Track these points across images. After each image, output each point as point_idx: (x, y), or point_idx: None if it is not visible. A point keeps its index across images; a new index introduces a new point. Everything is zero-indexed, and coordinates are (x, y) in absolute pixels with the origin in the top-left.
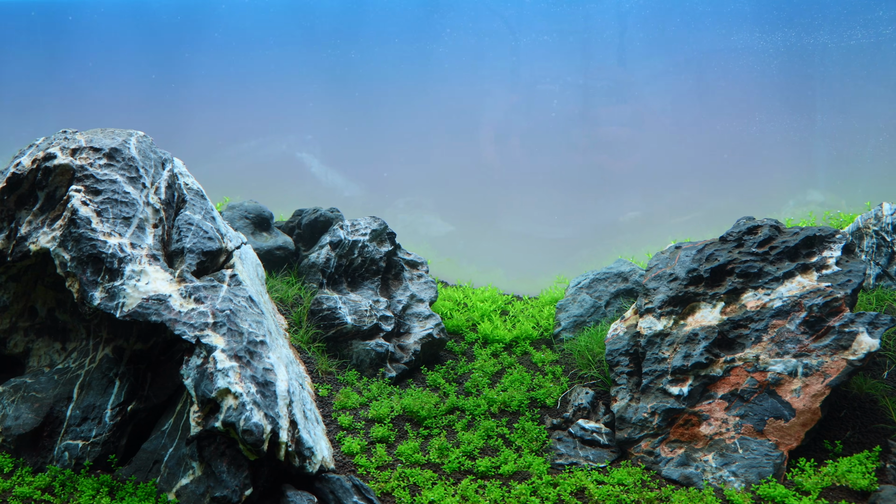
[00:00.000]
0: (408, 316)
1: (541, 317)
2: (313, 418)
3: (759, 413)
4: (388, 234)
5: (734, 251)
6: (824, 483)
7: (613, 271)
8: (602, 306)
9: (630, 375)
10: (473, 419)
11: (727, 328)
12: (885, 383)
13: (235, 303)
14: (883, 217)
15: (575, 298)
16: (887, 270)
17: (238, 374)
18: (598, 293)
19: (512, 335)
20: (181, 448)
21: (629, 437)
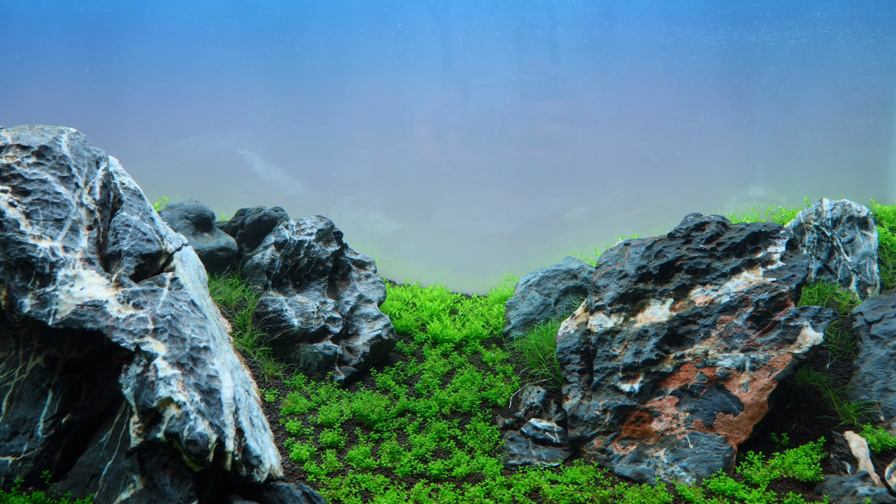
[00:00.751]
0: (356, 317)
1: (490, 315)
2: (260, 425)
3: (708, 408)
4: (335, 234)
5: (682, 247)
6: (773, 475)
7: (562, 268)
8: (552, 304)
9: (581, 373)
10: (425, 421)
11: (677, 324)
12: (827, 375)
13: (177, 307)
14: (823, 213)
15: (524, 296)
16: (828, 265)
17: (181, 382)
18: (547, 291)
19: (462, 335)
20: (121, 461)
21: (582, 435)
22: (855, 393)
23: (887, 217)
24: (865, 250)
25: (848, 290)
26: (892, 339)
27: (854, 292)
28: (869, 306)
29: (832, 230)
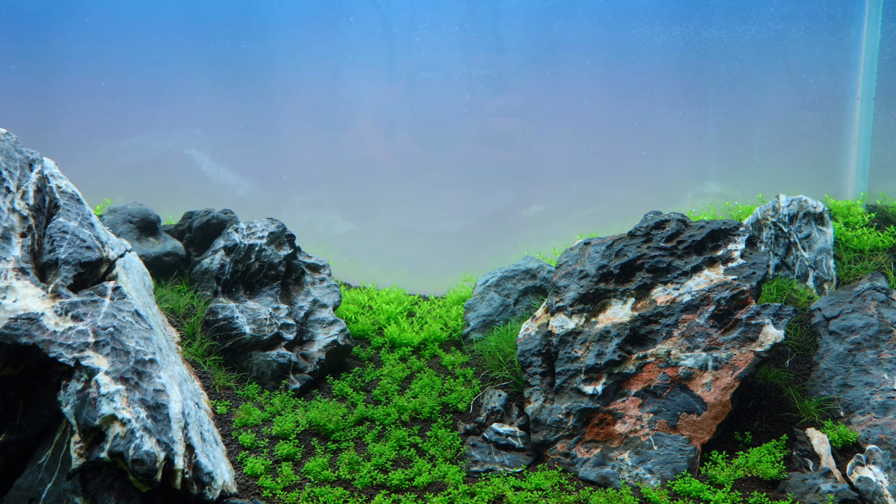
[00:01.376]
0: (311, 323)
1: (449, 317)
2: (212, 440)
3: (672, 408)
4: (287, 237)
5: (643, 246)
6: (737, 475)
7: (521, 268)
8: (511, 304)
9: (543, 376)
10: (384, 429)
11: (638, 324)
12: (787, 372)
13: (120, 318)
14: (780, 208)
15: (483, 297)
16: (785, 260)
17: (125, 399)
18: (506, 291)
19: (420, 338)
20: (62, 483)
21: (545, 439)
22: (815, 389)
23: (841, 212)
24: (822, 246)
25: (805, 285)
26: (850, 334)
27: (811, 288)
28: (827, 302)
29: (789, 226)
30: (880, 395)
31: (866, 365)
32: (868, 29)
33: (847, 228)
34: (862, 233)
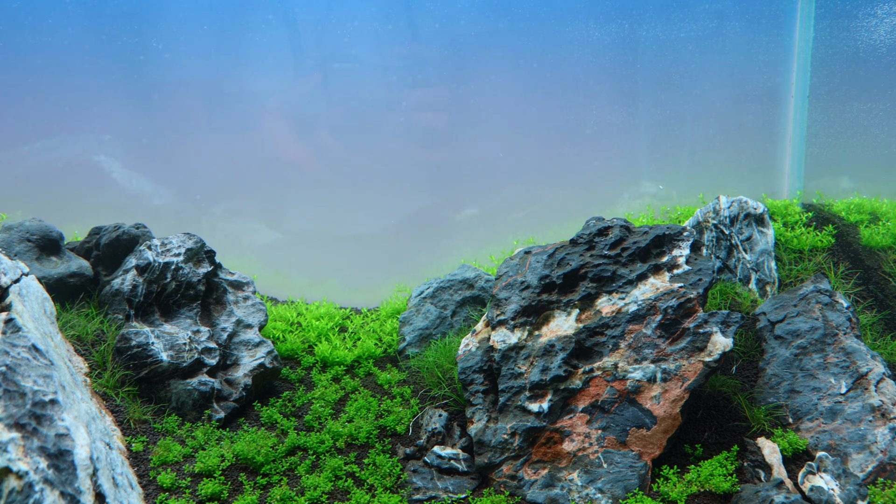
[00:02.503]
0: (235, 345)
1: (383, 332)
2: (126, 483)
3: (621, 424)
4: (207, 253)
5: (586, 254)
6: (689, 490)
7: (458, 278)
8: (448, 316)
9: (486, 394)
10: (318, 458)
11: (584, 336)
12: (735, 379)
13: (14, 356)
14: (721, 210)
15: (419, 310)
16: (727, 263)
17: (21, 448)
18: (443, 303)
19: (353, 355)
20: None
21: (490, 461)
22: (763, 396)
23: (779, 212)
24: (763, 247)
25: (748, 288)
26: (796, 338)
27: (754, 291)
28: (771, 306)
29: (730, 228)
30: (828, 399)
31: (813, 369)
32: (801, 26)
33: (786, 229)
34: (801, 233)
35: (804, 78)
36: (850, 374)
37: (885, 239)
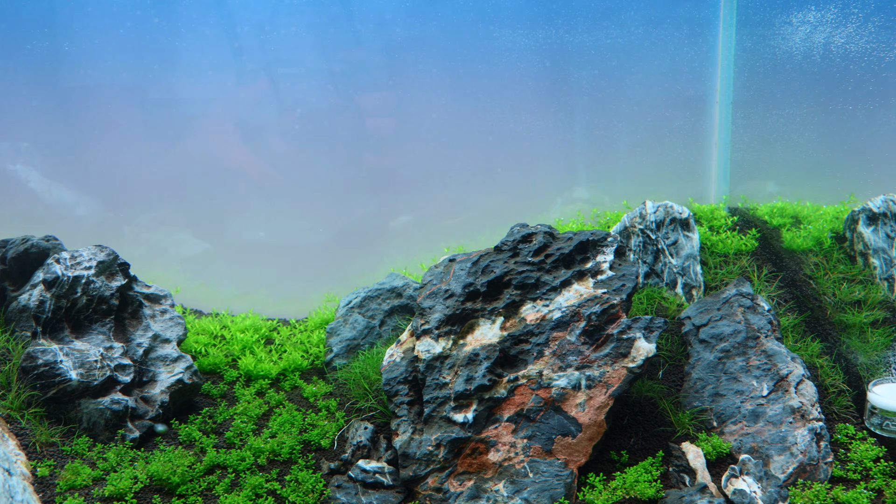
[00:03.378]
0: (152, 361)
1: (310, 343)
2: None
3: (546, 432)
4: (120, 266)
5: (510, 261)
6: (615, 497)
7: (386, 287)
8: (377, 326)
9: (411, 405)
10: (238, 476)
11: (508, 345)
12: (661, 384)
13: None
14: (647, 215)
15: (346, 320)
16: (654, 268)
17: None
18: (371, 312)
19: (279, 368)
20: None
21: (415, 474)
22: (688, 400)
23: (705, 216)
24: (689, 252)
25: (675, 292)
26: (720, 342)
27: (680, 295)
28: (696, 310)
29: (656, 233)
30: (750, 402)
31: (736, 373)
32: (724, 35)
33: (712, 233)
34: (726, 236)
35: (727, 85)
36: (772, 376)
37: (807, 242)
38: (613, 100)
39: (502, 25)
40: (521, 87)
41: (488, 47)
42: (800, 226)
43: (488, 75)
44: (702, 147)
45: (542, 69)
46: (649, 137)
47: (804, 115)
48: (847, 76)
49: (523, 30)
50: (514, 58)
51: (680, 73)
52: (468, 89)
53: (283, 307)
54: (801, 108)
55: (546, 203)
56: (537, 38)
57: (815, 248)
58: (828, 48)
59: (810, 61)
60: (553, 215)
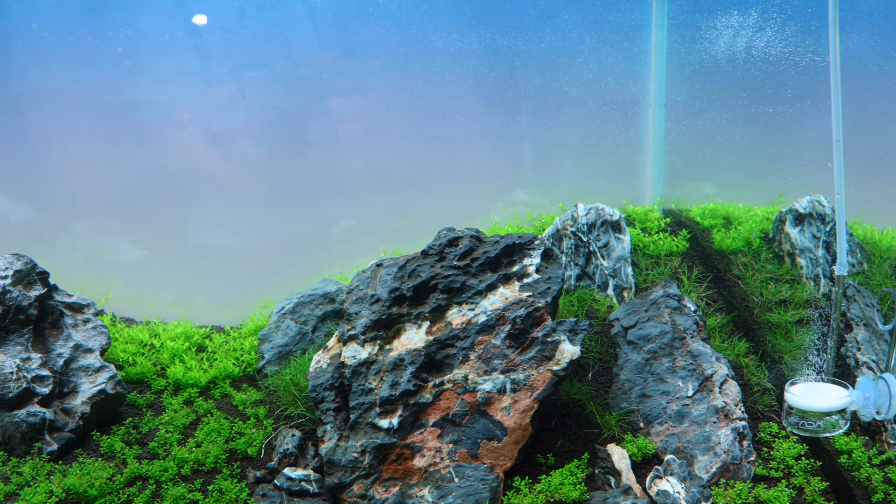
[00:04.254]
0: (73, 371)
1: (243, 350)
2: None
3: (472, 436)
4: (39, 275)
5: (437, 265)
6: (539, 501)
7: (319, 292)
8: (309, 332)
9: (338, 412)
10: (159, 487)
11: (434, 349)
12: (590, 386)
13: None
14: (579, 218)
15: (279, 326)
16: (586, 270)
17: None
18: (303, 318)
19: (208, 376)
20: None
21: (340, 481)
22: (616, 401)
23: (639, 218)
24: (620, 254)
25: (606, 294)
26: (647, 343)
27: (612, 296)
28: (624, 311)
29: (588, 235)
30: (676, 403)
31: (663, 373)
32: (656, 38)
33: (644, 234)
34: (658, 238)
35: (660, 88)
36: (697, 376)
37: (736, 242)
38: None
39: (437, 29)
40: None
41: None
42: (731, 227)
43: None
44: (637, 150)
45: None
46: (587, 140)
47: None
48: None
49: (457, 34)
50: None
51: (615, 76)
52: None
53: (220, 314)
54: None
55: (487, 206)
56: (471, 42)
57: (745, 248)
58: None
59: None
60: (494, 218)
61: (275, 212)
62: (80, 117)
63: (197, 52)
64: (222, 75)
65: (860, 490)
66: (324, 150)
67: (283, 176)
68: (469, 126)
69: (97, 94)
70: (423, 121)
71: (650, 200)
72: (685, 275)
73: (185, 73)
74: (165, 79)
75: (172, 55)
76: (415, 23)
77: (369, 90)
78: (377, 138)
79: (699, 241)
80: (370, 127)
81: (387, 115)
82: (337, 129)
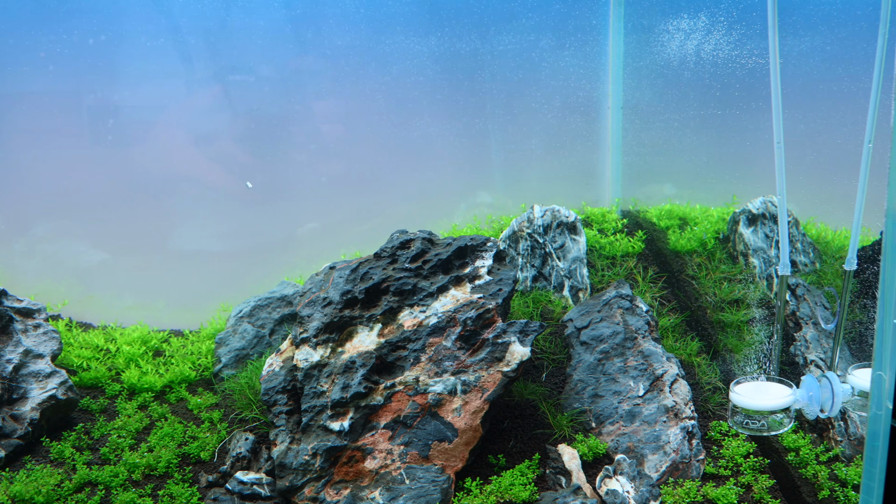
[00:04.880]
0: (23, 377)
1: (200, 354)
2: None
3: (423, 438)
4: None
5: (389, 268)
6: (490, 501)
7: (277, 295)
8: (266, 335)
9: (290, 415)
10: (109, 493)
11: (385, 351)
12: (544, 386)
13: None
14: (535, 220)
15: (236, 329)
16: (542, 271)
17: None
18: (261, 321)
19: (164, 380)
20: None
21: (292, 484)
22: (569, 402)
23: (596, 219)
24: (575, 255)
25: (562, 295)
26: (600, 343)
27: (567, 297)
28: (578, 312)
29: (544, 237)
30: (627, 402)
31: (614, 373)
32: (613, 41)
33: (601, 235)
34: (614, 239)
35: (618, 91)
36: (648, 376)
37: (691, 243)
38: (514, 105)
39: (394, 33)
40: (418, 94)
41: (382, 54)
42: (687, 228)
43: (384, 82)
44: (597, 151)
45: (437, 76)
46: (548, 142)
47: (685, 119)
48: (716, 82)
49: (414, 36)
50: (409, 65)
51: (575, 79)
52: (369, 96)
53: (181, 318)
54: (681, 114)
55: (451, 208)
56: (428, 44)
57: (699, 249)
58: (699, 55)
59: (685, 67)
60: (457, 220)
61: (238, 215)
62: (46, 120)
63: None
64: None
65: (807, 487)
66: (286, 154)
67: (248, 179)
68: (434, 128)
69: (64, 96)
70: (385, 124)
71: (609, 202)
72: (640, 275)
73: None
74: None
75: (146, 59)
76: (371, 25)
77: (332, 94)
78: (341, 142)
79: (655, 242)
80: (335, 131)
81: (349, 119)
82: (301, 134)
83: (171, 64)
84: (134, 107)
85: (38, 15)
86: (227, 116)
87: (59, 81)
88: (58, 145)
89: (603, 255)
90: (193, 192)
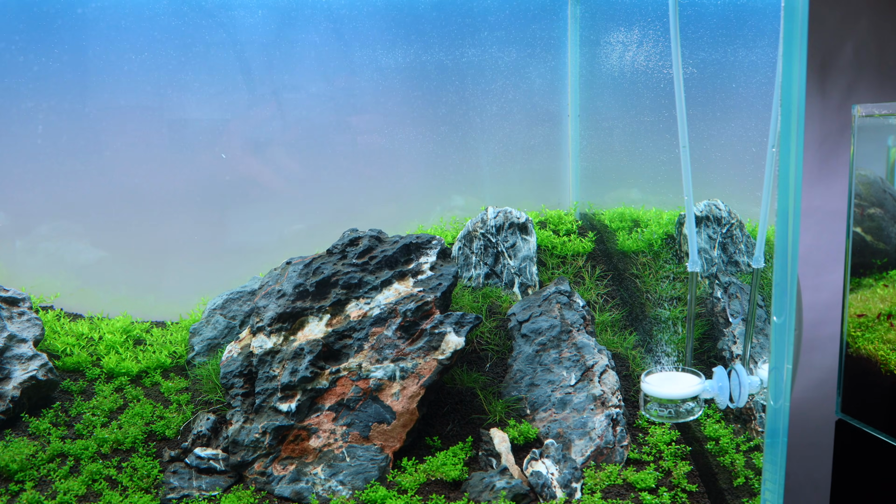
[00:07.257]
0: (7, 359)
1: (177, 343)
2: None
3: (364, 420)
4: None
5: (338, 263)
6: (422, 479)
7: (247, 289)
8: (237, 326)
9: (245, 397)
10: (78, 464)
11: (332, 340)
12: (486, 375)
13: None
14: (488, 220)
15: (209, 321)
16: (494, 269)
17: None
18: (232, 313)
19: (141, 366)
20: None
21: (243, 459)
22: (508, 390)
23: (552, 220)
24: (525, 254)
25: (511, 292)
26: (538, 336)
27: (517, 293)
28: (520, 307)
29: (496, 237)
30: (560, 391)
31: (550, 364)
32: (571, 53)
33: (555, 236)
34: (567, 239)
35: (575, 100)
36: (580, 367)
37: (638, 244)
38: (481, 115)
39: (362, 44)
40: (389, 103)
41: (349, 63)
42: (638, 229)
43: (357, 91)
44: (558, 157)
45: (401, 85)
46: (514, 148)
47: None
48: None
49: (382, 49)
50: (378, 75)
51: (539, 89)
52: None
53: (167, 311)
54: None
55: (427, 210)
56: (395, 57)
57: (646, 249)
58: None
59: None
60: (432, 221)
61: (229, 215)
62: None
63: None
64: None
65: (724, 474)
66: (273, 156)
67: (239, 180)
68: (408, 136)
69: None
70: (363, 131)
71: (569, 205)
72: (588, 273)
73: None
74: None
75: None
76: (339, 38)
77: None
78: (322, 147)
79: (605, 243)
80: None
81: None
82: (287, 137)
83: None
84: (146, 115)
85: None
86: (216, 122)
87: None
88: (64, 151)
89: (555, 254)
90: (187, 194)
